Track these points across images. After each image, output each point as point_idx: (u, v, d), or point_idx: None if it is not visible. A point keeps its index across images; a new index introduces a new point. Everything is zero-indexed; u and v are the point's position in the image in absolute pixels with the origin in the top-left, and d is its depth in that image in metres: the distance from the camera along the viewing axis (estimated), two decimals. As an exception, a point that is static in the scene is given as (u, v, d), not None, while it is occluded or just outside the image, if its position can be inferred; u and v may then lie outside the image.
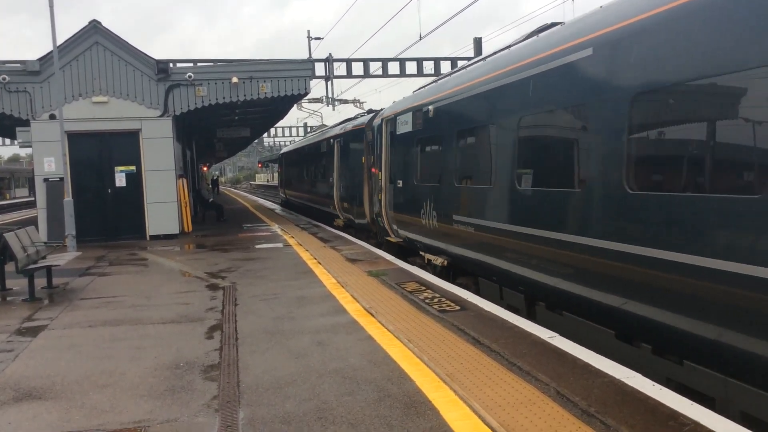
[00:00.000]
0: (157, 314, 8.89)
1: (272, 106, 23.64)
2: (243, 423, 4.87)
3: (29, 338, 7.82)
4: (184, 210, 20.65)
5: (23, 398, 5.68)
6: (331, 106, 33.20)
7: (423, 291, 9.45)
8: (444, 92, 11.40)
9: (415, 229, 12.78)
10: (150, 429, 4.85)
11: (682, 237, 5.33)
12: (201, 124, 26.88)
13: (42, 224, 18.03)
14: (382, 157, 15.14)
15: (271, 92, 19.36)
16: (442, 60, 28.74)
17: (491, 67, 9.45)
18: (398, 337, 7.02)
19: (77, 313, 9.21)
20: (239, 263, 13.40)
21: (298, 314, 8.44)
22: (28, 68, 17.97)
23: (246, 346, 7.03)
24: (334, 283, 10.44)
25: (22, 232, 10.86)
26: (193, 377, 6.06)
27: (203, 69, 19.93)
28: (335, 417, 4.91)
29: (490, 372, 5.75)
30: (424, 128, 12.32)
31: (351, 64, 28.28)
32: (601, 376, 5.47)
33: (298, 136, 60.46)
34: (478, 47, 27.51)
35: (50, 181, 18.11)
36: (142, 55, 18.88)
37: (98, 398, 5.60)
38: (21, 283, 11.00)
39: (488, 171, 9.21)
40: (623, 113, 6.11)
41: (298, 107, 39.23)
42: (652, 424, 4.46)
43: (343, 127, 20.96)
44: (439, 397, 5.23)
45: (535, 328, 7.17)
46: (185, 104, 19.07)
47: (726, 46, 4.92)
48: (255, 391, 5.58)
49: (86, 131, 18.41)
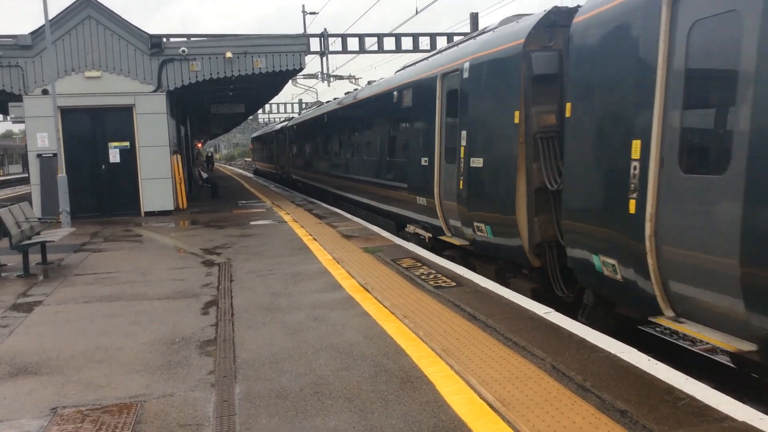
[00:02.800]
0: (152, 290, 8.88)
1: (267, 82, 23.43)
2: (239, 398, 4.88)
3: (24, 314, 7.81)
4: (178, 186, 20.58)
5: (19, 373, 5.67)
6: (326, 82, 32.93)
7: (419, 267, 9.45)
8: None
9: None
10: (146, 404, 4.86)
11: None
12: (195, 100, 26.68)
13: (36, 200, 17.96)
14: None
15: (266, 67, 19.19)
16: (438, 35, 28.44)
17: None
18: (394, 313, 7.03)
19: (72, 288, 9.19)
20: (234, 240, 13.37)
21: (293, 290, 8.44)
22: (19, 43, 17.75)
23: (242, 321, 7.03)
24: (330, 260, 10.43)
25: (16, 208, 10.80)
26: (189, 352, 6.06)
27: (197, 44, 19.71)
28: (331, 391, 4.92)
29: (486, 347, 5.77)
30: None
31: (346, 39, 27.97)
32: (596, 351, 5.49)
33: (293, 113, 60.01)
34: (474, 22, 27.27)
35: (43, 157, 17.99)
36: (135, 29, 18.66)
37: (94, 373, 5.59)
38: (15, 259, 10.96)
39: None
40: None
41: (293, 83, 38.87)
42: (647, 399, 4.48)
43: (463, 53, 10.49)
44: (434, 371, 5.24)
45: (531, 303, 7.18)
46: (179, 79, 18.90)
47: None
48: (251, 366, 5.58)
49: (79, 106, 18.25)
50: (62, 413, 4.75)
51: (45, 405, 4.93)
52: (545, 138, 8.28)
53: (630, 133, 6.19)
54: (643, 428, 4.07)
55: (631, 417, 4.23)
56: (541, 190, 8.30)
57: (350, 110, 18.74)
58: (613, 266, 6.56)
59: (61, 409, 4.84)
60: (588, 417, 4.28)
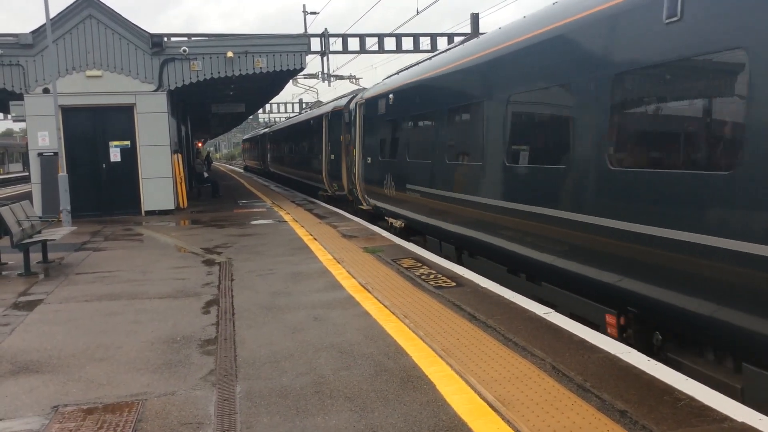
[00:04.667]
0: (153, 289, 8.89)
1: (267, 82, 23.46)
2: (240, 396, 4.90)
3: (25, 312, 7.82)
4: (179, 186, 20.59)
5: (20, 371, 5.69)
6: (327, 81, 32.93)
7: (419, 267, 9.47)
8: (401, 83, 13.70)
9: (380, 197, 15.11)
10: (147, 402, 4.87)
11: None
12: (196, 99, 26.68)
13: (36, 199, 17.97)
14: (356, 136, 17.34)
15: (267, 67, 19.22)
16: (439, 36, 28.42)
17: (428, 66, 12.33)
18: (394, 313, 7.04)
19: (73, 287, 9.21)
20: (235, 239, 13.39)
21: (294, 290, 8.46)
22: (21, 41, 17.77)
23: (242, 320, 7.04)
24: (330, 259, 10.44)
25: (17, 207, 10.82)
26: (190, 351, 6.08)
27: (198, 43, 19.73)
28: (332, 391, 4.93)
29: (486, 347, 5.78)
30: (386, 113, 14.47)
31: (347, 39, 27.95)
32: (596, 352, 5.50)
33: (293, 113, 60.15)
34: (475, 23, 27.25)
35: (44, 156, 18.00)
36: (136, 28, 18.67)
37: (95, 372, 5.61)
38: (16, 258, 10.98)
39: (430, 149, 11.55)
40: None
41: (293, 83, 38.85)
42: (647, 399, 4.49)
43: (326, 108, 23.40)
44: (435, 371, 5.26)
45: (531, 304, 7.20)
46: (180, 79, 18.92)
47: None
48: (252, 365, 5.60)
49: (80, 105, 18.27)
50: (63, 411, 4.77)
51: (46, 403, 4.94)
52: (347, 146, 18.88)
53: (358, 146, 17.27)
54: (643, 428, 4.09)
55: (631, 417, 4.24)
56: (348, 170, 18.80)
57: (289, 129, 34.25)
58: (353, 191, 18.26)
59: (62, 407, 4.85)
60: (588, 417, 4.29)
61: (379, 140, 15.17)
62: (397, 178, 13.33)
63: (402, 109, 13.33)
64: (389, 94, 14.25)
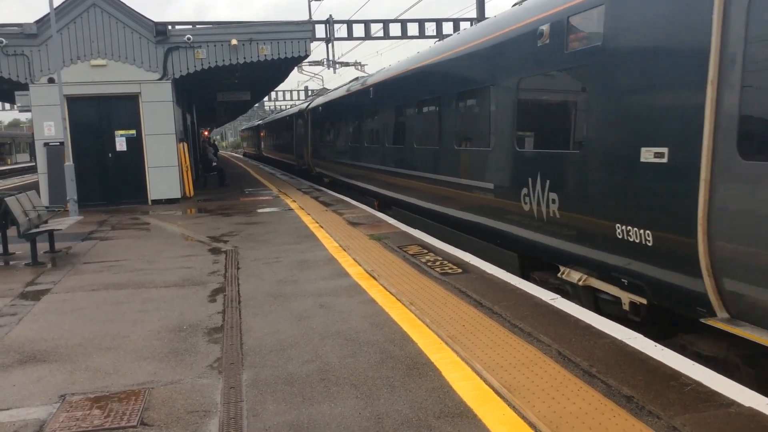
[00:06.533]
0: (159, 278, 8.92)
1: (272, 69, 23.39)
2: (246, 384, 4.91)
3: (32, 302, 7.86)
4: (185, 174, 20.60)
5: (27, 361, 5.72)
6: (332, 69, 32.85)
7: (425, 254, 9.46)
8: (322, 101, 25.03)
9: (323, 166, 25.28)
10: (154, 390, 4.89)
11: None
12: (201, 87, 26.63)
13: (43, 189, 18.03)
14: (308, 130, 28.34)
15: (271, 54, 19.12)
16: (444, 21, 28.26)
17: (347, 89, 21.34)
18: (400, 300, 7.04)
19: (80, 277, 9.24)
20: (241, 227, 13.40)
21: (300, 277, 8.46)
22: (25, 31, 17.75)
23: (248, 308, 7.06)
24: (336, 247, 10.44)
25: (23, 197, 10.84)
26: (196, 340, 6.09)
27: (202, 31, 19.65)
28: (338, 378, 4.94)
29: (492, 334, 5.77)
30: (320, 116, 25.36)
31: (352, 25, 27.82)
32: (602, 337, 5.48)
33: (299, 100, 60.15)
34: (480, 8, 27.09)
35: (50, 146, 18.03)
36: (140, 16, 18.62)
37: (102, 361, 5.63)
38: (23, 248, 11.03)
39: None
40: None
41: (298, 70, 38.83)
42: (653, 384, 4.48)
43: (294, 110, 35.28)
44: (441, 358, 5.26)
45: (537, 290, 7.18)
46: (184, 67, 18.87)
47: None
48: (258, 353, 5.61)
49: (85, 95, 18.27)
50: (71, 400, 4.79)
51: (53, 392, 4.97)
52: (305, 136, 29.40)
53: (309, 136, 29.00)
54: (649, 414, 4.08)
55: (637, 403, 4.23)
56: (312, 152, 27.86)
57: (274, 123, 45.07)
58: (309, 164, 29.19)
59: (69, 396, 4.88)
60: (594, 403, 4.28)
61: (318, 133, 25.74)
62: (327, 154, 23.78)
63: (327, 115, 23.67)
64: (319, 106, 25.60)
